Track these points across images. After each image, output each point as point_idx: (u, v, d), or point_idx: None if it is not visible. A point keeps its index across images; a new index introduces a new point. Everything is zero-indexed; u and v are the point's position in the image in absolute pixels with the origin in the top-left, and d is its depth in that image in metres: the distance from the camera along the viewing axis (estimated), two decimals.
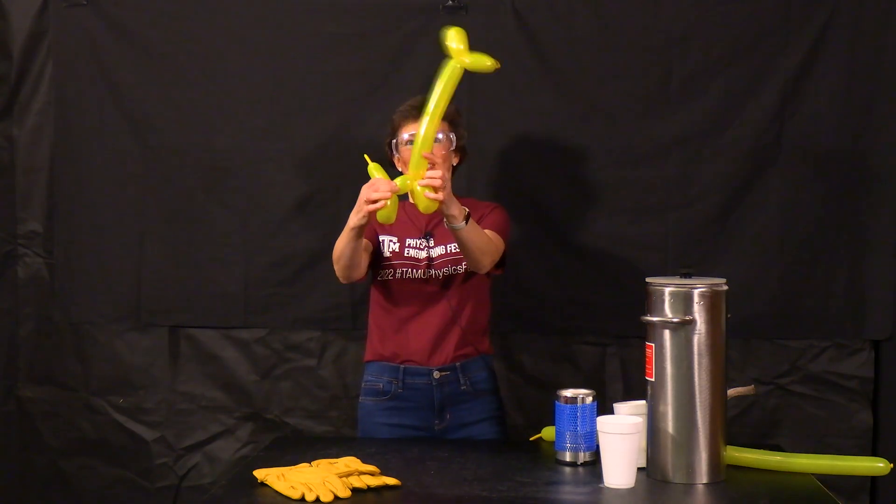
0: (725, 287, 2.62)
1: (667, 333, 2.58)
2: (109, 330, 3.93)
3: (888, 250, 3.66)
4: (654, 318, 2.59)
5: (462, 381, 3.19)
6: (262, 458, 2.87)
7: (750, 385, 2.85)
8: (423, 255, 3.19)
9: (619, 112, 3.71)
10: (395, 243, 3.20)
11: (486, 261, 3.10)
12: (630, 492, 2.54)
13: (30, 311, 3.98)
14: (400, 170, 3.18)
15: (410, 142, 3.06)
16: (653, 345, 2.61)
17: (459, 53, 2.85)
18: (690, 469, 2.58)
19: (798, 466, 2.68)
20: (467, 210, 3.01)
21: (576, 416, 2.72)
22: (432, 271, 3.17)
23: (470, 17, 3.72)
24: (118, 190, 3.89)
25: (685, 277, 2.62)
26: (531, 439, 2.77)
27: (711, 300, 2.58)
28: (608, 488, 2.55)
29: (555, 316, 3.77)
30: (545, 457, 2.81)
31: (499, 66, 2.90)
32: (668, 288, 2.59)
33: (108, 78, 3.87)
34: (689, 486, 2.57)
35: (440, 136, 3.09)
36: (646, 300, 2.63)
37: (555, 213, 3.75)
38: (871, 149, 3.65)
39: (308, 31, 3.80)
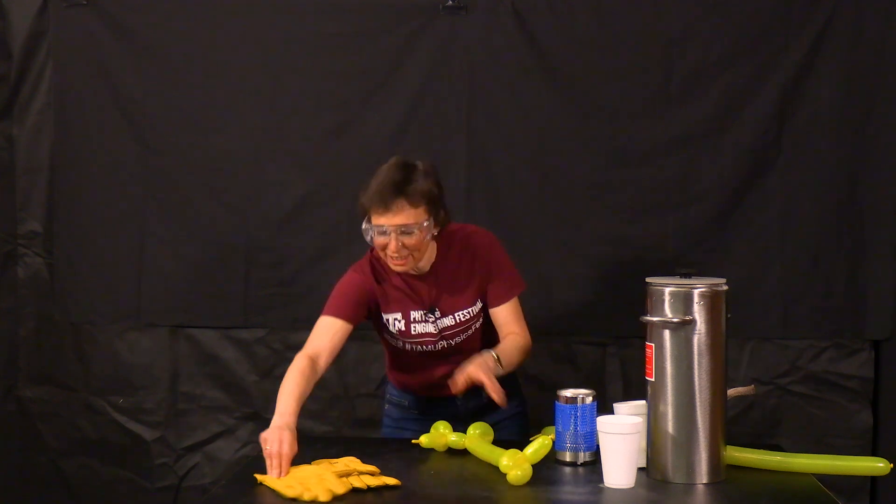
0: (725, 287, 2.62)
1: (667, 333, 2.58)
2: (109, 330, 3.93)
3: (888, 250, 3.66)
4: (654, 318, 2.59)
5: (485, 396, 3.12)
6: (262, 458, 2.87)
7: (750, 385, 2.85)
8: (431, 328, 3.04)
9: (619, 112, 3.71)
10: (399, 322, 3.04)
11: (528, 356, 3.11)
12: (630, 492, 2.54)
13: (30, 311, 3.98)
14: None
15: (381, 232, 2.89)
16: (653, 345, 2.60)
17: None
18: (690, 469, 2.58)
19: (798, 466, 2.68)
20: (493, 355, 2.93)
21: (576, 416, 2.72)
22: (443, 342, 3.07)
23: (470, 17, 3.73)
24: (118, 190, 3.89)
25: (685, 277, 2.62)
26: (531, 439, 2.77)
27: (711, 300, 2.57)
28: (608, 488, 2.55)
29: (555, 316, 3.77)
30: (545, 457, 2.80)
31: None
32: (668, 288, 2.59)
33: (108, 78, 3.87)
34: (689, 486, 2.57)
35: (415, 230, 2.89)
36: (646, 300, 2.63)
37: (555, 212, 3.75)
38: (870, 149, 3.65)
39: (308, 31, 3.81)
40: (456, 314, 3.05)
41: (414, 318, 3.04)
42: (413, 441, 2.90)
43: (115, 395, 3.95)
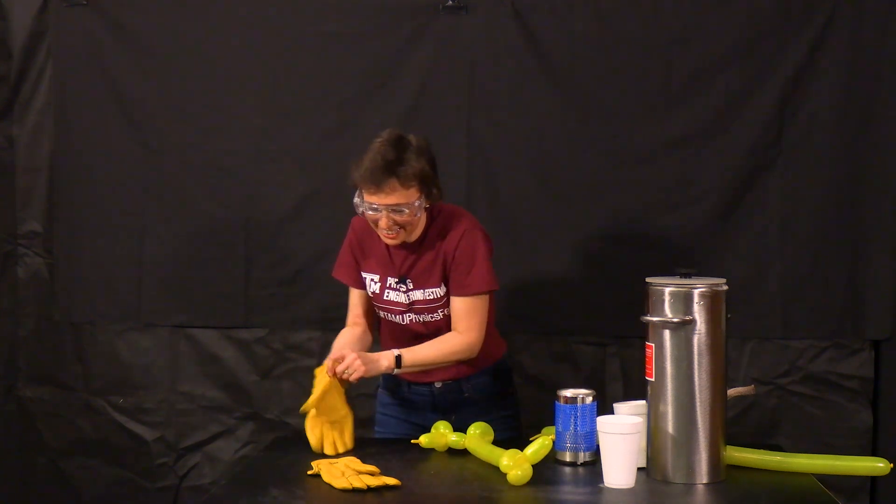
0: (725, 287, 2.62)
1: (667, 333, 2.58)
2: (110, 330, 3.93)
3: (888, 250, 3.66)
4: (654, 318, 2.59)
5: (465, 390, 3.18)
6: (262, 458, 2.87)
7: (750, 385, 2.85)
8: (402, 298, 3.08)
9: (619, 112, 3.71)
10: (375, 283, 3.12)
11: (463, 358, 3.06)
12: (630, 492, 2.54)
13: (30, 311, 3.98)
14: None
15: (372, 209, 2.93)
16: (653, 345, 2.61)
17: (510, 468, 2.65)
18: (690, 469, 2.58)
19: (798, 466, 2.68)
20: (395, 353, 2.96)
21: (576, 416, 2.72)
22: (412, 315, 3.11)
23: (470, 17, 3.73)
24: (118, 190, 3.89)
25: (685, 277, 2.62)
26: (531, 439, 2.77)
27: (711, 300, 2.58)
28: (608, 488, 2.55)
29: (555, 316, 3.77)
30: (545, 457, 2.81)
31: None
32: (668, 288, 2.59)
33: (108, 78, 3.87)
34: (689, 486, 2.57)
35: (406, 210, 2.93)
36: (646, 300, 2.63)
37: (555, 212, 3.75)
38: (871, 149, 3.65)
39: (308, 31, 3.81)
40: (425, 290, 3.07)
41: (389, 284, 3.09)
42: (413, 441, 2.90)
43: (115, 395, 3.95)
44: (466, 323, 3.05)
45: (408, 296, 3.08)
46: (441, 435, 2.90)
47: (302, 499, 2.52)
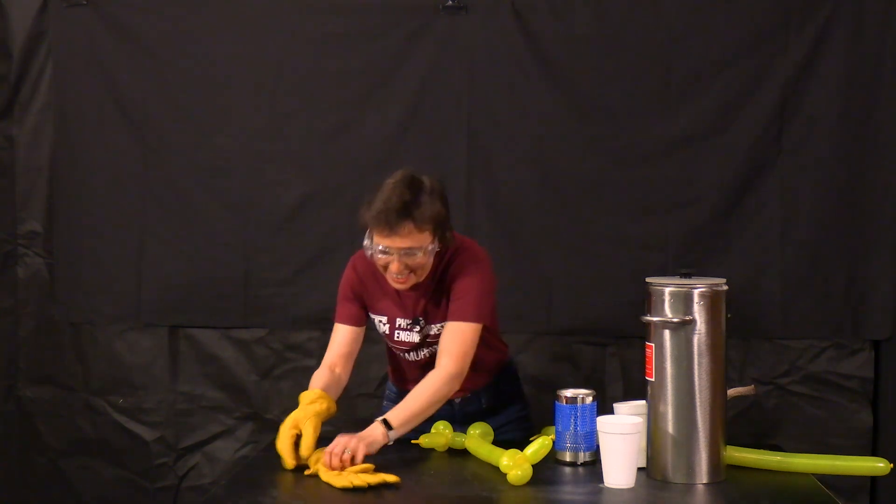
0: (725, 287, 2.62)
1: (667, 333, 2.59)
2: (109, 330, 3.94)
3: (888, 250, 3.66)
4: (654, 318, 2.59)
5: (483, 402, 3.14)
6: (262, 458, 2.87)
7: (750, 385, 2.85)
8: (416, 337, 2.99)
9: (619, 112, 3.71)
10: (384, 325, 3.01)
11: (448, 394, 2.87)
12: (630, 492, 2.54)
13: (30, 311, 3.98)
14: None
15: (383, 252, 2.81)
16: (653, 345, 2.61)
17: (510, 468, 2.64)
18: (690, 469, 2.58)
19: (798, 466, 2.68)
20: (380, 420, 2.76)
21: (576, 416, 2.72)
22: (425, 351, 3.02)
23: (470, 18, 3.73)
24: (118, 190, 3.90)
25: (685, 277, 2.62)
26: (531, 439, 2.77)
27: (711, 300, 2.58)
28: (608, 488, 2.55)
29: (555, 316, 3.77)
30: (545, 457, 2.81)
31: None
32: (668, 288, 2.59)
33: (108, 78, 3.87)
34: (689, 486, 2.57)
35: (419, 253, 2.81)
36: (646, 300, 2.63)
37: (555, 212, 3.75)
38: (871, 149, 3.65)
39: (308, 31, 3.81)
40: (440, 323, 2.96)
41: (399, 325, 3.00)
42: (413, 441, 2.90)
43: (115, 395, 3.95)
44: (449, 350, 2.87)
45: (422, 333, 2.99)
46: (441, 435, 2.90)
47: (302, 499, 2.52)
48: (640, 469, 2.61)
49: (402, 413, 2.80)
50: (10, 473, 3.98)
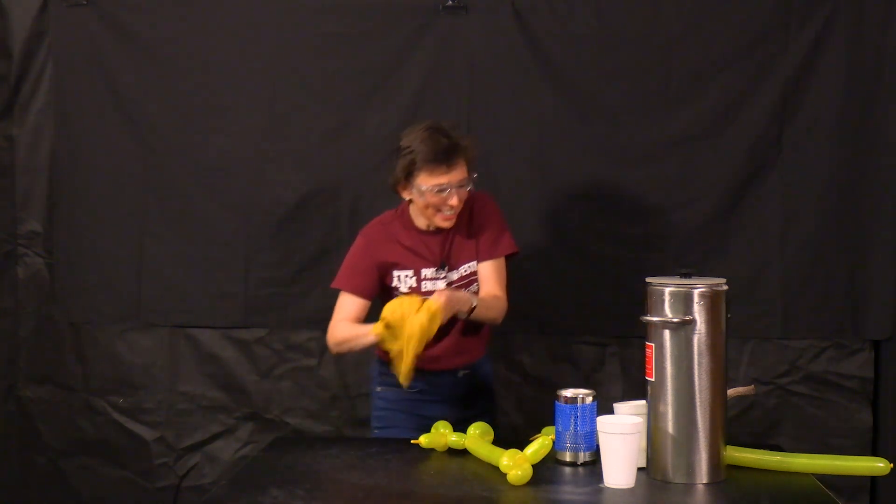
0: (725, 287, 2.62)
1: (667, 333, 2.58)
2: (109, 330, 3.93)
3: (888, 250, 3.66)
4: (654, 318, 2.59)
5: (479, 375, 3.28)
6: (262, 458, 2.87)
7: (750, 385, 2.85)
8: (441, 285, 3.14)
9: (619, 112, 3.72)
10: (411, 278, 3.15)
11: (499, 320, 3.17)
12: (630, 492, 2.54)
13: (30, 311, 3.99)
14: (405, 197, 3.12)
15: (440, 190, 3.03)
16: (653, 345, 2.60)
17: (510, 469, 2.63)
18: (690, 469, 2.58)
19: (798, 466, 2.68)
20: (472, 301, 3.03)
21: (576, 416, 2.72)
22: None
23: (470, 18, 3.73)
24: (118, 190, 3.90)
25: (685, 277, 2.62)
26: (531, 439, 2.77)
27: (711, 300, 2.57)
28: (608, 488, 2.55)
29: (555, 316, 3.77)
30: (545, 457, 2.81)
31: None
32: (668, 288, 2.59)
33: (108, 78, 3.87)
34: (689, 486, 2.57)
35: (467, 185, 3.08)
36: (646, 300, 2.63)
37: (555, 213, 3.75)
38: (871, 149, 3.65)
39: (308, 31, 3.81)
40: (461, 268, 3.15)
41: (425, 276, 3.13)
42: (413, 441, 2.90)
43: (115, 395, 3.95)
44: (500, 286, 3.16)
45: (446, 280, 3.14)
46: (441, 435, 2.89)
47: (302, 499, 2.52)
48: (640, 469, 2.60)
49: (481, 305, 3.06)
50: (10, 473, 3.98)
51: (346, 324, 3.14)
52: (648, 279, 2.64)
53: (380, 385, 3.28)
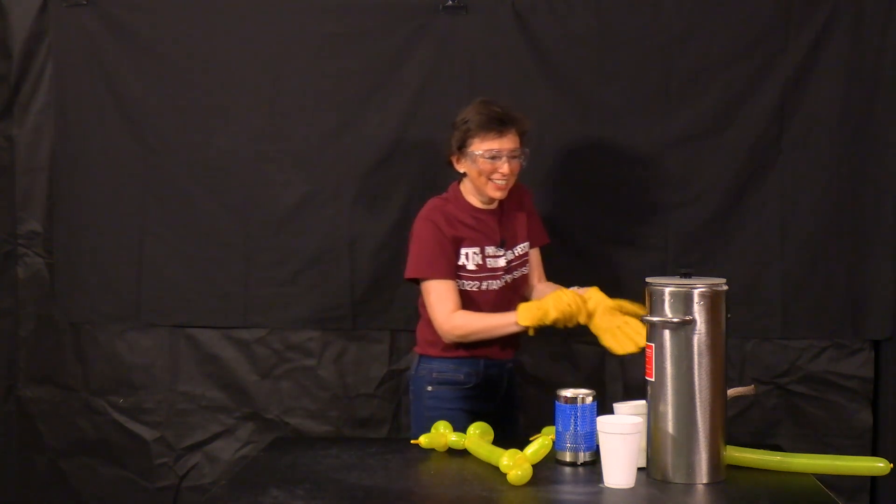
0: (725, 287, 2.62)
1: (667, 333, 2.58)
2: (109, 330, 3.93)
3: (888, 250, 3.66)
4: (654, 318, 2.59)
5: (513, 370, 3.35)
6: (262, 458, 2.87)
7: (750, 385, 2.85)
8: (501, 262, 3.22)
9: (619, 112, 3.72)
10: (478, 255, 3.19)
11: None
12: (630, 492, 2.54)
13: (30, 311, 3.98)
14: (460, 169, 3.19)
15: (492, 157, 3.11)
16: (653, 345, 2.61)
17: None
18: (690, 469, 2.58)
19: (798, 466, 2.68)
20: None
21: (576, 416, 2.72)
22: (507, 276, 3.22)
23: (470, 18, 3.73)
24: (118, 190, 3.89)
25: (685, 277, 2.62)
26: (531, 439, 2.77)
27: (711, 300, 2.57)
28: (608, 488, 2.55)
29: None
30: (545, 457, 2.81)
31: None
32: (668, 288, 2.59)
33: (108, 78, 3.87)
34: (689, 486, 2.57)
35: (518, 155, 3.17)
36: (646, 300, 2.63)
37: (555, 213, 3.75)
38: (871, 149, 3.65)
39: (308, 31, 3.81)
40: (516, 248, 3.25)
41: (488, 253, 3.20)
42: (413, 441, 2.91)
43: (115, 395, 3.95)
44: (542, 273, 3.37)
45: (505, 257, 3.22)
46: (441, 435, 2.90)
47: (302, 499, 2.52)
48: (640, 469, 2.60)
49: None
50: (10, 473, 3.98)
51: (471, 314, 3.14)
52: (648, 279, 2.64)
53: (430, 384, 3.26)
